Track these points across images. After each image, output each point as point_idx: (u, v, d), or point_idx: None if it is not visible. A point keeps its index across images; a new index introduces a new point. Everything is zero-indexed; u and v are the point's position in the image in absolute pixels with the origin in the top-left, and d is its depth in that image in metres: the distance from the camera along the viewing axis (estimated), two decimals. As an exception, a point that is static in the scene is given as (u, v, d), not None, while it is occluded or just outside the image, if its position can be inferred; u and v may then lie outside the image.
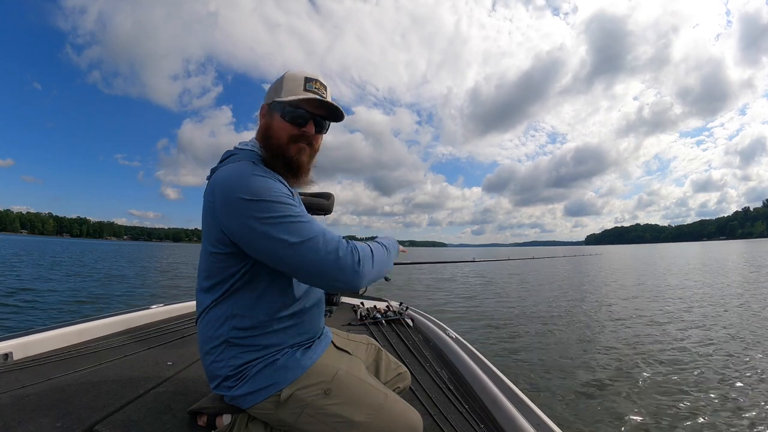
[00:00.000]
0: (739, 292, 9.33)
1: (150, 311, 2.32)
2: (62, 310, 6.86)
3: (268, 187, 0.78)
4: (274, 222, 0.75)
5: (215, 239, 0.82)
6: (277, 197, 0.77)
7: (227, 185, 0.79)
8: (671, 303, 8.28)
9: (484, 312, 7.59)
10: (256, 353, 0.85)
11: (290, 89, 0.88)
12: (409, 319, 2.50)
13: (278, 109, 0.89)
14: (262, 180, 0.79)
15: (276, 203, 0.76)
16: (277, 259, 0.76)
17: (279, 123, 0.89)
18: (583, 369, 4.07)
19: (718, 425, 2.80)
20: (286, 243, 0.74)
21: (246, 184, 0.77)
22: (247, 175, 0.79)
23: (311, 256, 0.74)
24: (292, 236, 0.74)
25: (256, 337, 0.85)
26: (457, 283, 12.73)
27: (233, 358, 0.84)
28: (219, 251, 0.83)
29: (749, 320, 6.20)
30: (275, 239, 0.74)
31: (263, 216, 0.75)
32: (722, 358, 4.29)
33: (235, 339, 0.84)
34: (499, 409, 1.27)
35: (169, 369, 1.47)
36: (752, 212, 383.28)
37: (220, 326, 0.85)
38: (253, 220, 0.75)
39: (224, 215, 0.78)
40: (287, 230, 0.75)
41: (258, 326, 0.85)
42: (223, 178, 0.81)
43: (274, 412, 0.84)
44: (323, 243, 0.75)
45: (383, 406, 0.88)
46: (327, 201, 2.17)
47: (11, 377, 1.30)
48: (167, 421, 1.06)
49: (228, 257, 0.83)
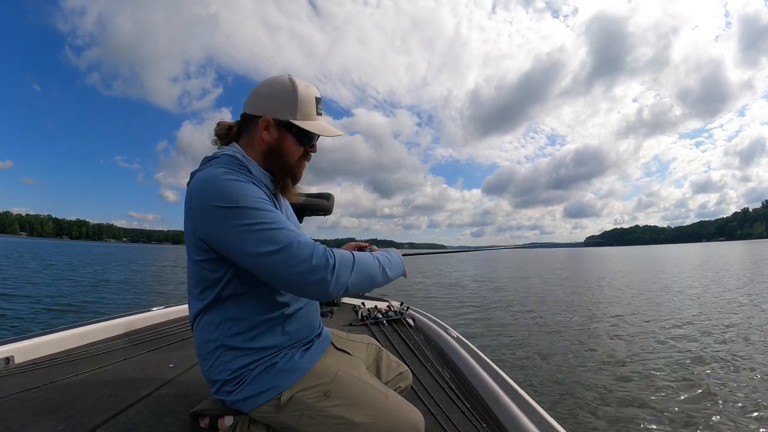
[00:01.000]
0: (746, 293, 9.32)
1: (151, 314, 2.32)
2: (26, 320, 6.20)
3: (243, 193, 0.76)
4: (248, 230, 0.73)
5: (195, 246, 0.82)
6: (251, 203, 0.75)
7: (202, 192, 0.78)
8: (670, 303, 8.27)
9: (485, 312, 7.59)
10: (253, 356, 0.84)
11: (305, 113, 0.88)
12: (410, 318, 2.50)
13: (293, 131, 0.88)
14: (236, 185, 0.77)
15: (250, 209, 0.74)
16: (252, 267, 0.76)
17: (293, 146, 0.90)
18: (585, 368, 4.06)
19: (721, 426, 2.79)
20: (259, 253, 0.73)
21: (220, 191, 0.76)
22: (221, 180, 0.77)
23: (284, 264, 0.72)
24: (265, 245, 0.73)
25: (251, 340, 0.84)
26: (461, 286, 12.72)
27: (230, 362, 0.84)
28: (201, 258, 0.82)
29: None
30: (248, 248, 0.73)
31: (236, 224, 0.74)
32: (731, 358, 4.28)
33: (231, 343, 0.84)
34: (501, 407, 1.26)
35: (170, 371, 1.47)
36: (751, 213, 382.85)
37: (214, 331, 0.84)
38: (226, 229, 0.74)
39: (201, 223, 0.78)
40: (260, 239, 0.73)
41: (252, 329, 0.84)
42: (197, 184, 0.80)
43: (275, 415, 0.84)
44: (296, 250, 0.73)
45: (384, 406, 0.88)
46: (327, 201, 2.17)
47: (13, 381, 1.30)
48: (169, 423, 1.06)
49: (212, 263, 0.82)
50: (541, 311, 7.48)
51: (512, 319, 6.72)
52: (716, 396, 3.24)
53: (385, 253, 0.94)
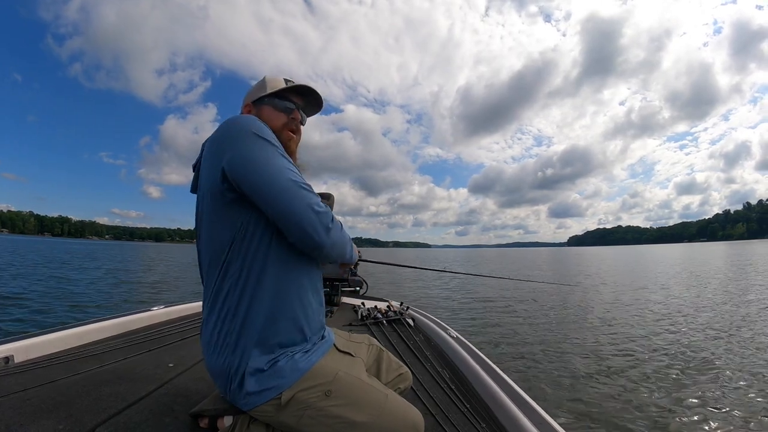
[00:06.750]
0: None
1: (150, 313, 2.32)
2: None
3: (273, 135, 0.87)
4: (281, 162, 0.83)
5: (216, 190, 0.83)
6: (282, 151, 0.86)
7: (239, 123, 0.85)
8: (667, 304, 8.28)
9: (485, 312, 7.59)
10: (258, 355, 0.84)
11: (273, 86, 0.99)
12: (410, 319, 2.50)
13: (267, 102, 0.99)
14: (267, 128, 0.87)
15: (282, 154, 0.85)
16: (275, 191, 0.80)
17: (270, 112, 0.99)
18: (585, 368, 4.06)
19: (722, 425, 2.79)
20: (288, 179, 0.81)
21: (256, 123, 0.85)
22: (257, 120, 0.87)
23: (303, 199, 0.81)
24: (294, 176, 0.82)
25: (257, 338, 0.84)
26: (455, 287, 12.72)
27: (235, 360, 0.84)
28: (222, 201, 0.83)
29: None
30: (280, 173, 0.81)
31: (275, 153, 0.83)
32: (735, 358, 4.28)
33: (237, 340, 0.84)
34: (501, 408, 1.27)
35: (170, 371, 1.47)
36: (732, 215, 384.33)
37: (222, 326, 0.84)
38: (264, 155, 0.81)
39: (236, 142, 0.82)
40: (290, 172, 0.82)
41: (259, 326, 0.84)
42: (232, 119, 0.87)
43: (276, 415, 0.84)
44: (313, 195, 0.83)
45: (384, 406, 0.88)
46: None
47: (12, 380, 1.30)
48: (169, 423, 1.06)
49: (234, 208, 0.83)
50: (541, 311, 7.49)
51: (512, 320, 6.72)
52: (716, 396, 3.24)
53: None
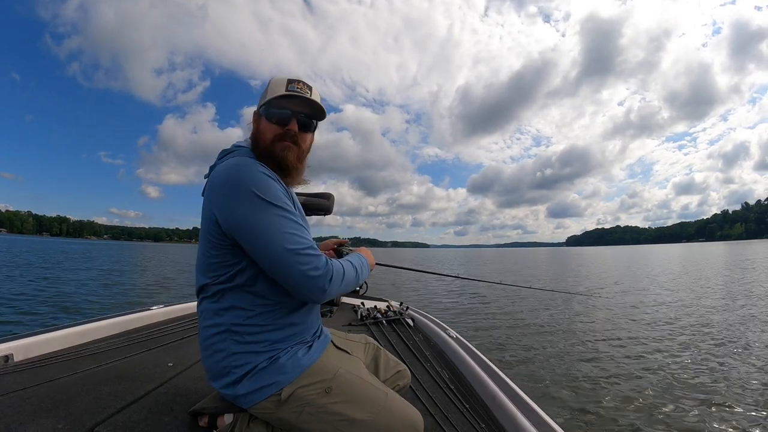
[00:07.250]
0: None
1: (150, 312, 2.32)
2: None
3: (275, 189, 0.82)
4: (279, 225, 0.79)
5: (214, 233, 0.83)
6: (281, 203, 0.82)
7: (237, 176, 0.81)
8: (669, 304, 8.28)
9: (485, 313, 7.59)
10: (257, 352, 0.85)
11: (274, 92, 0.93)
12: (410, 319, 2.50)
13: (264, 112, 0.94)
14: (269, 181, 0.83)
15: (281, 208, 0.81)
16: (270, 260, 0.79)
17: (265, 125, 0.93)
18: (584, 368, 4.07)
19: (720, 425, 2.80)
20: (285, 249, 0.78)
21: (257, 180, 0.81)
22: (256, 170, 0.82)
23: (298, 265, 0.78)
24: (290, 244, 0.78)
25: (256, 335, 0.85)
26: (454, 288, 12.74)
27: (234, 357, 0.84)
28: (217, 242, 0.84)
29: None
30: (277, 242, 0.78)
31: (273, 213, 0.79)
32: (740, 363, 4.28)
33: (236, 338, 0.84)
34: (500, 408, 1.27)
35: (169, 370, 1.47)
36: (731, 215, 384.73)
37: (220, 325, 0.85)
38: (260, 218, 0.78)
39: (231, 203, 0.80)
40: (286, 237, 0.79)
41: (259, 325, 0.85)
42: (232, 168, 0.83)
43: (275, 412, 0.84)
44: (311, 257, 0.80)
45: (384, 404, 0.88)
46: (327, 201, 2.18)
47: (12, 379, 1.30)
48: (168, 422, 1.06)
49: (225, 253, 0.84)
50: (541, 311, 7.49)
51: (512, 321, 6.72)
52: (716, 396, 3.24)
53: (358, 257, 1.02)
